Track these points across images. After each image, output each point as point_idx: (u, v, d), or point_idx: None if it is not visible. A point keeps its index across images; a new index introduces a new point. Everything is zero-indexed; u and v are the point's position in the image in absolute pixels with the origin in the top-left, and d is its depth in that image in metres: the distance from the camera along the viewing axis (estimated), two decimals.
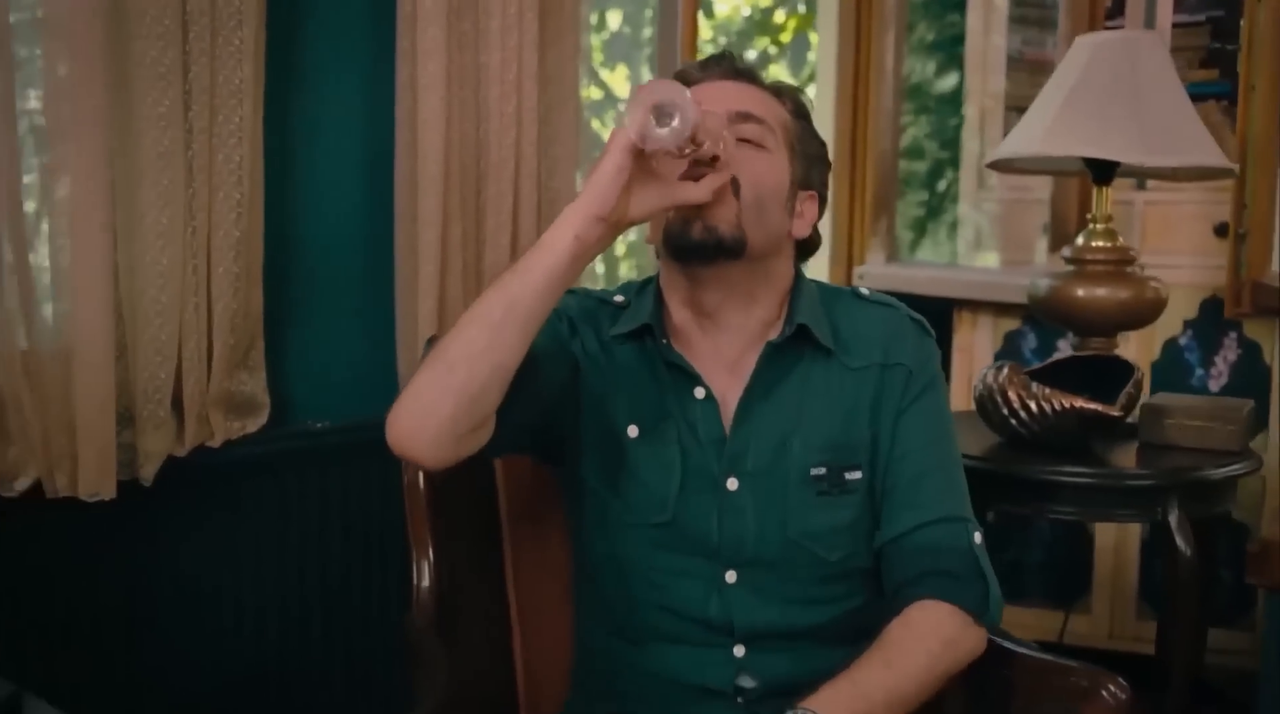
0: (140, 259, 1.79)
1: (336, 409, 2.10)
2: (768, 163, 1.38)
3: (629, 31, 6.21)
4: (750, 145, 1.37)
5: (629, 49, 6.05)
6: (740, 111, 1.37)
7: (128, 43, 1.75)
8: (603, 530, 1.42)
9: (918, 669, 1.30)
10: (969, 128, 3.20)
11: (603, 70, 6.63)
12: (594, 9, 5.79)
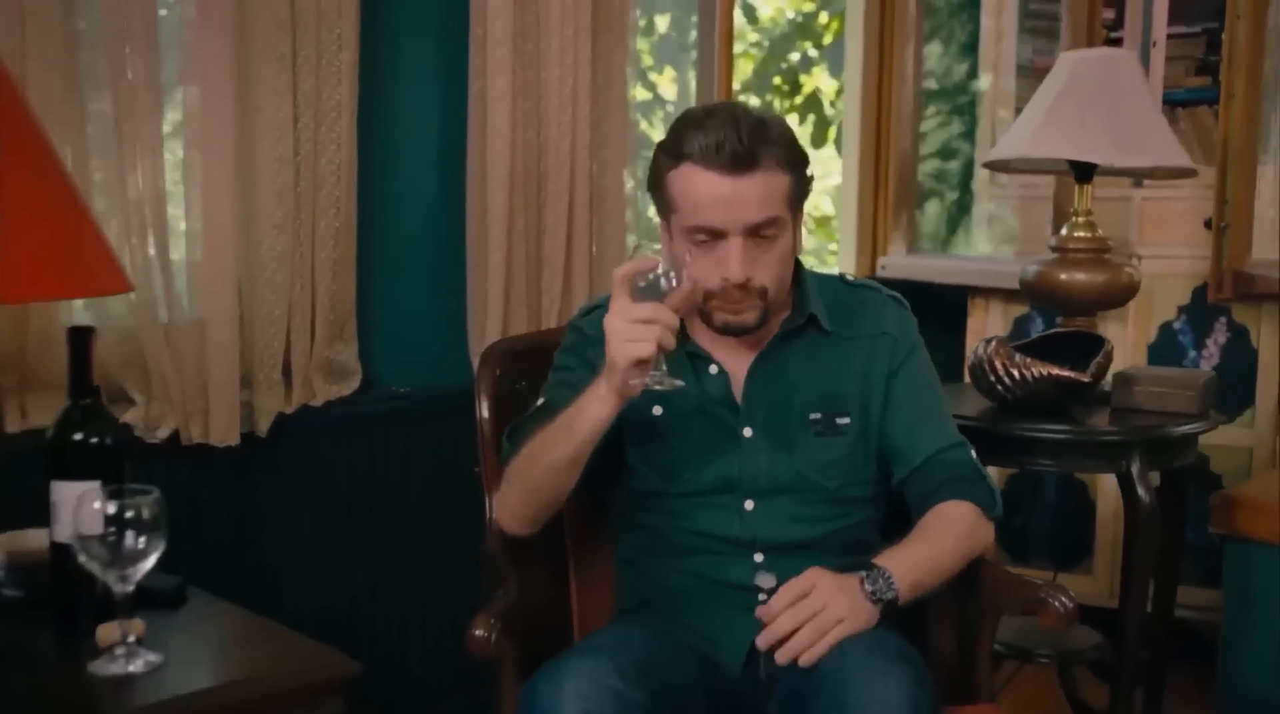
0: (257, 248, 2.13)
1: (416, 377, 2.44)
2: (781, 252, 1.66)
3: (676, 35, 6.50)
4: (768, 242, 1.63)
5: (676, 52, 6.34)
6: (752, 225, 1.61)
7: (250, 66, 2.09)
8: (640, 488, 1.75)
9: (950, 546, 1.68)
10: (983, 130, 3.48)
11: (651, 73, 6.93)
12: (643, 14, 6.09)
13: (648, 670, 1.53)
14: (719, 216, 1.61)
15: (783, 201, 1.65)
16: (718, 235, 1.62)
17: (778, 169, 1.63)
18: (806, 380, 1.74)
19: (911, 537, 1.68)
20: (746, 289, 1.63)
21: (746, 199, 1.60)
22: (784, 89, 7.15)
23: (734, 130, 1.60)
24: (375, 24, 2.28)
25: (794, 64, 7.04)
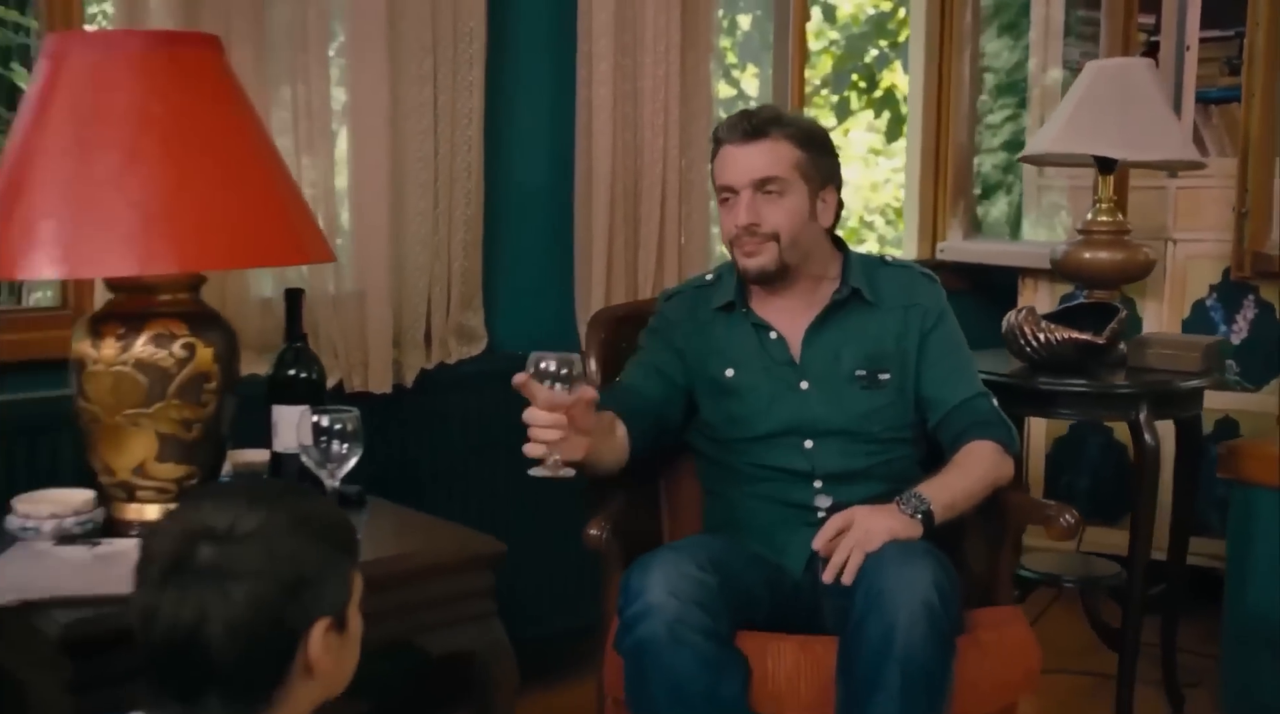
0: (405, 231, 2.58)
1: (530, 340, 2.84)
2: (788, 205, 2.06)
3: (758, 35, 6.87)
4: (774, 196, 2.05)
5: (758, 51, 6.71)
6: (757, 179, 2.05)
7: (399, 84, 2.54)
8: (717, 436, 2.17)
9: (979, 476, 2.07)
10: (1031, 126, 3.82)
11: (735, 70, 7.32)
12: (726, 13, 6.46)
13: (721, 565, 1.94)
14: (730, 175, 2.07)
15: (789, 166, 2.07)
16: (733, 192, 2.06)
17: (785, 141, 2.07)
18: (852, 343, 2.16)
19: (945, 469, 2.07)
20: (754, 233, 2.05)
21: (751, 159, 2.06)
22: (861, 85, 7.49)
23: (750, 117, 2.09)
24: (499, 45, 2.72)
25: (870, 61, 7.38)
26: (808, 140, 2.09)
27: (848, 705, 1.87)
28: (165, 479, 1.80)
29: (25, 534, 1.75)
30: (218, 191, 1.71)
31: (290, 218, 1.81)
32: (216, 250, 1.71)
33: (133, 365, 1.74)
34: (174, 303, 1.79)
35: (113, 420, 1.76)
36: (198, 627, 1.16)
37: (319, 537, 1.24)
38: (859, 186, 7.85)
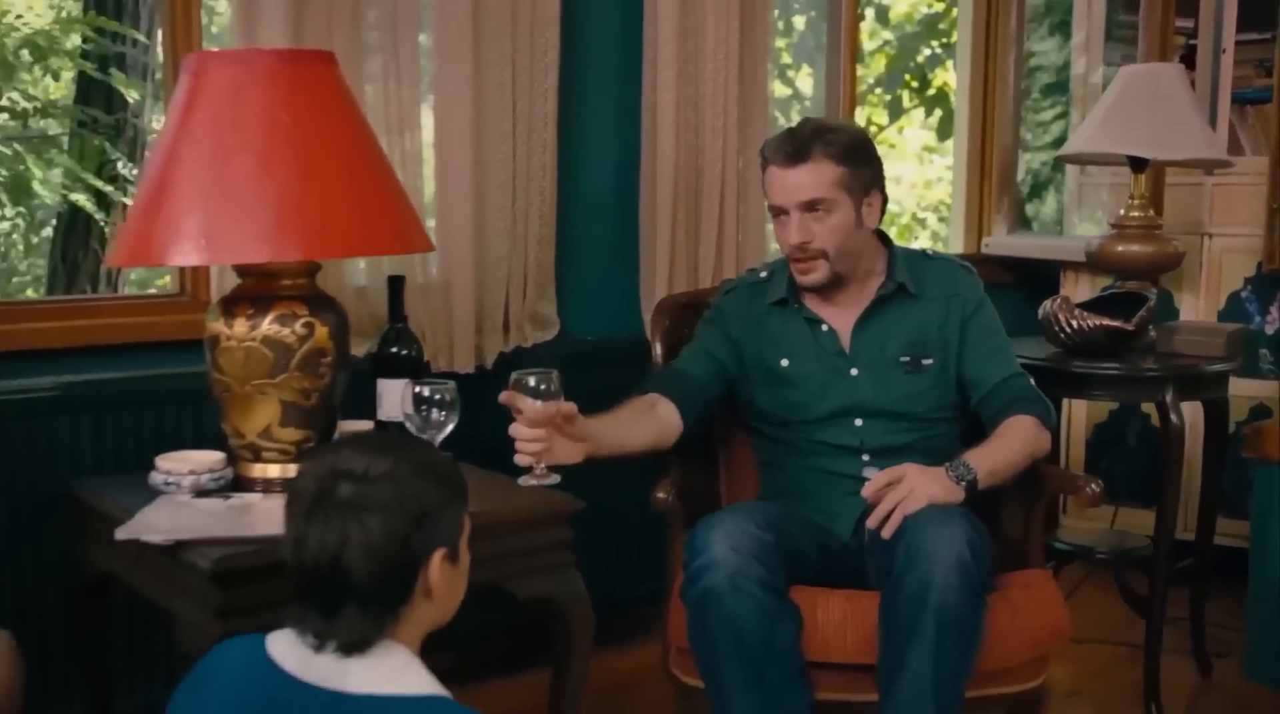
0: (487, 226, 2.82)
1: (598, 327, 3.12)
2: (835, 222, 2.26)
3: (812, 36, 7.06)
4: (821, 214, 2.25)
5: (812, 52, 6.90)
6: (804, 202, 2.24)
7: (482, 93, 2.78)
8: (773, 419, 2.39)
9: (1020, 447, 2.26)
10: (1075, 125, 3.99)
11: (789, 70, 7.51)
12: (781, 14, 6.65)
13: (776, 526, 2.17)
14: (779, 197, 2.27)
15: (831, 186, 2.25)
16: (784, 212, 2.26)
17: (826, 161, 2.25)
18: (897, 332, 2.37)
19: (990, 440, 2.27)
20: (805, 251, 2.26)
21: (796, 181, 2.25)
22: (913, 84, 7.66)
23: (793, 138, 2.26)
24: (571, 55, 2.96)
25: (923, 61, 7.55)
26: (848, 155, 2.27)
27: (888, 651, 2.09)
28: (286, 442, 2.05)
29: (167, 488, 2.01)
30: (336, 190, 1.96)
31: (396, 212, 2.06)
32: (336, 240, 1.96)
33: (260, 341, 2.00)
34: (294, 287, 2.05)
35: (242, 390, 2.02)
36: (340, 551, 1.40)
37: (437, 479, 1.48)
38: (913, 184, 8.01)
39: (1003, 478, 2.24)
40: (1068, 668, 3.11)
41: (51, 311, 2.55)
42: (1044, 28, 4.60)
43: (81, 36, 4.99)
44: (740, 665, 2.06)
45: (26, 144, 4.79)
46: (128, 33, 4.87)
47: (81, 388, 2.41)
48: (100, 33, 4.89)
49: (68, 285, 4.77)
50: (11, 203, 4.97)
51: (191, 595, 1.81)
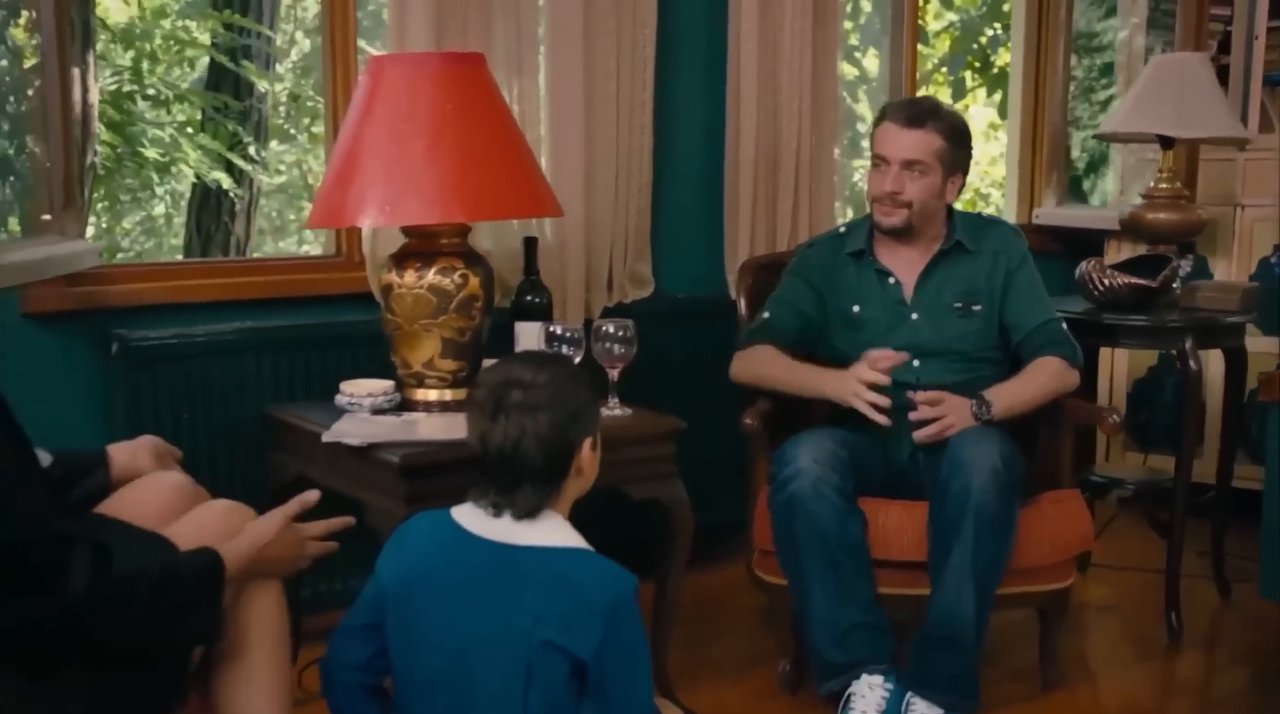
0: (594, 198, 3.27)
1: (688, 286, 3.56)
2: (926, 184, 2.71)
3: (879, 19, 7.42)
4: (916, 174, 2.69)
5: (878, 34, 7.26)
6: (906, 159, 2.70)
7: (590, 83, 3.22)
8: (845, 357, 2.82)
9: (1041, 384, 2.72)
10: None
11: (856, 52, 7.87)
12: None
13: (847, 445, 2.62)
14: (886, 148, 2.71)
15: (932, 154, 2.71)
16: (886, 163, 2.69)
17: (934, 134, 2.71)
18: (952, 282, 2.80)
19: (1014, 378, 2.72)
20: (895, 199, 2.69)
21: (906, 141, 2.70)
22: (975, 65, 7.99)
23: (915, 105, 2.77)
24: (665, 49, 3.40)
25: (985, 43, 7.88)
26: (953, 135, 2.73)
27: (936, 548, 2.53)
28: (445, 371, 2.53)
29: (351, 407, 2.50)
30: (487, 165, 2.43)
31: (533, 183, 2.53)
32: (488, 206, 2.44)
33: (426, 289, 2.47)
34: (451, 245, 2.52)
35: (411, 328, 2.50)
36: (519, 441, 1.86)
37: (583, 385, 1.94)
38: (976, 160, 8.35)
39: (1019, 412, 2.68)
40: (1101, 590, 3.53)
41: (238, 269, 3.05)
42: (1103, 9, 4.95)
43: (212, 31, 5.52)
44: (819, 558, 2.52)
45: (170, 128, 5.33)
46: (254, 27, 5.39)
47: (262, 332, 2.90)
48: (228, 27, 5.42)
49: (201, 255, 5.32)
50: (160, 182, 5.51)
51: (381, 487, 2.30)
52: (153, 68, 5.31)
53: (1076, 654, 3.07)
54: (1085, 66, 5.40)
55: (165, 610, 1.53)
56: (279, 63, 5.78)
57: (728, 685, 2.82)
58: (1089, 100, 5.47)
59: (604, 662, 1.88)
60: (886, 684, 2.48)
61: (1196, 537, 3.43)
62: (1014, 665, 2.93)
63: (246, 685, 1.74)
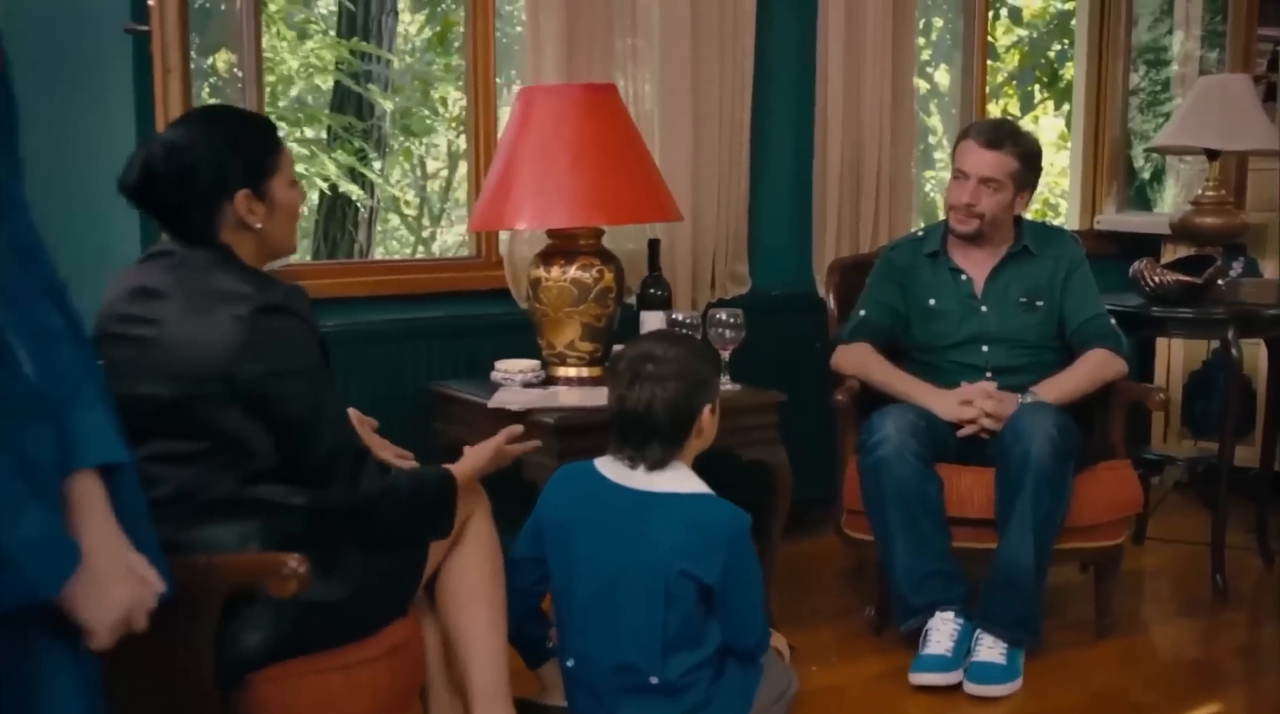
0: (699, 205, 3.71)
1: (780, 283, 4.00)
2: (999, 199, 3.12)
3: (949, 35, 7.78)
4: (990, 189, 3.10)
5: (949, 50, 7.63)
6: (984, 176, 3.11)
7: (698, 104, 3.67)
8: (921, 345, 3.24)
9: (1086, 374, 3.13)
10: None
11: (928, 67, 8.24)
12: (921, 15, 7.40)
13: (926, 417, 3.04)
14: (967, 164, 3.13)
15: (1007, 174, 3.13)
16: (965, 177, 3.11)
17: (1010, 156, 3.13)
18: (1019, 280, 3.22)
19: (1063, 372, 3.14)
20: (970, 210, 3.11)
21: (985, 160, 3.12)
22: (1043, 80, 8.33)
23: (997, 128, 3.19)
24: (761, 73, 3.84)
25: (1052, 57, 8.22)
26: (1026, 158, 3.15)
27: (1002, 504, 2.95)
28: (583, 352, 3.00)
29: (505, 382, 2.97)
30: (621, 178, 2.89)
31: (658, 194, 2.99)
32: (623, 211, 2.91)
33: (569, 282, 2.94)
34: (588, 245, 2.99)
35: (556, 315, 2.97)
36: (650, 405, 2.30)
37: (706, 359, 2.39)
38: (1045, 171, 8.67)
39: (1066, 401, 3.06)
40: (1154, 559, 3.90)
41: (398, 268, 3.54)
42: (1168, 23, 5.31)
43: (336, 57, 6.06)
44: (901, 513, 2.94)
45: (304, 144, 5.88)
46: (377, 52, 5.92)
47: (414, 322, 3.38)
48: (351, 52, 5.95)
49: (329, 258, 5.85)
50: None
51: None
52: (285, 90, 5.85)
53: (1129, 610, 3.46)
54: (1150, 79, 5.75)
55: (420, 509, 2.01)
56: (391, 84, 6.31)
57: (821, 629, 3.24)
58: (1153, 112, 5.82)
59: (726, 584, 2.32)
60: (958, 620, 2.90)
61: (1244, 516, 3.80)
62: (1072, 616, 3.32)
63: (470, 599, 2.20)
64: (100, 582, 1.35)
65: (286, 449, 1.89)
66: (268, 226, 1.99)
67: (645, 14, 3.55)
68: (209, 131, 1.97)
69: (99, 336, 1.91)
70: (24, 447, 1.28)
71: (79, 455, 1.38)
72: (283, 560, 1.73)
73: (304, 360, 1.91)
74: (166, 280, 1.91)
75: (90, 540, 1.35)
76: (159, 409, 1.85)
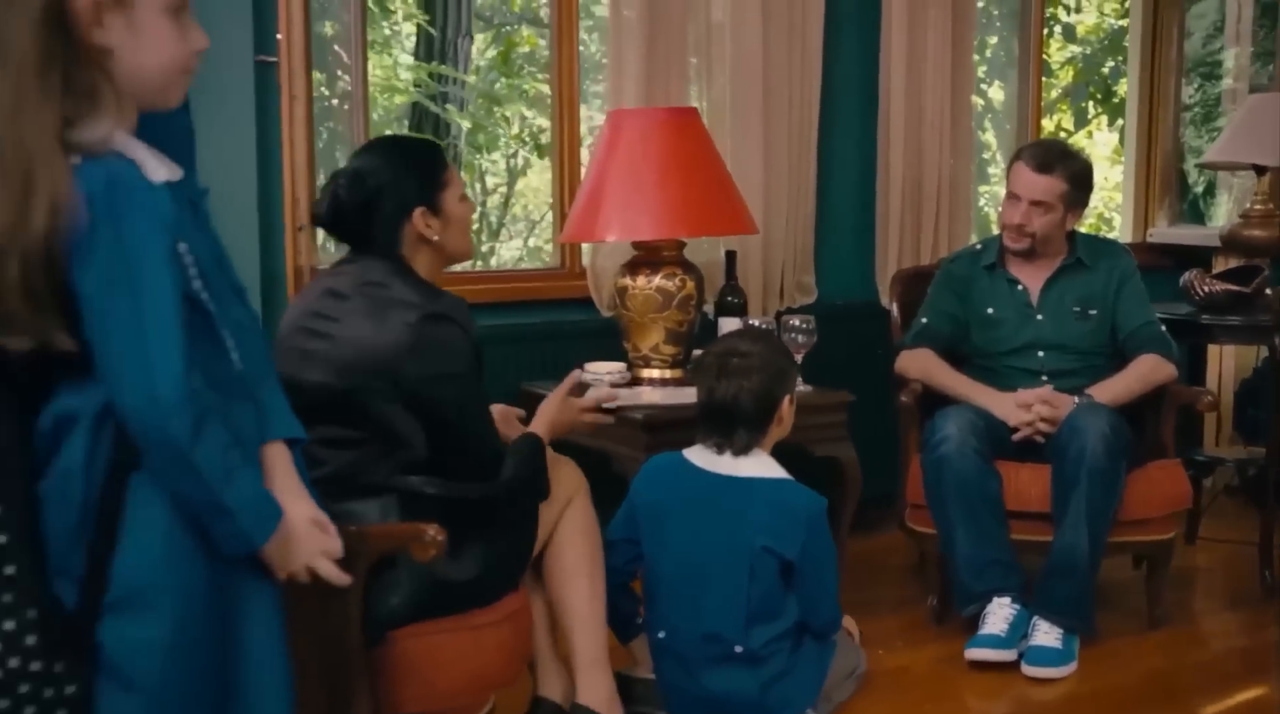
0: (770, 219, 3.94)
1: (844, 293, 4.21)
2: (1050, 218, 3.32)
3: (1004, 52, 7.96)
4: (1042, 210, 3.29)
5: (1004, 67, 7.81)
6: (1035, 199, 3.31)
7: (768, 125, 3.90)
8: (980, 350, 3.45)
9: (1136, 378, 3.32)
10: None
11: (983, 84, 8.42)
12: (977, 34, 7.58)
13: (986, 417, 3.24)
14: (1019, 188, 3.34)
15: (1057, 196, 3.33)
16: (1018, 198, 3.32)
17: (1060, 179, 3.33)
18: (1072, 290, 3.42)
19: (1116, 376, 3.33)
20: (1022, 230, 3.32)
21: (1036, 184, 3.32)
22: (1097, 96, 8.49)
23: (1047, 152, 3.36)
24: (828, 93, 4.07)
25: (1105, 74, 8.37)
26: (1076, 180, 3.34)
27: (1057, 497, 3.15)
28: (666, 355, 3.25)
29: (595, 382, 3.21)
30: (701, 194, 3.13)
31: (735, 208, 3.23)
32: (704, 225, 3.15)
33: (654, 290, 3.19)
34: (671, 256, 3.23)
35: (642, 320, 3.21)
36: (736, 395, 2.54)
37: (784, 355, 2.63)
38: (1100, 187, 8.82)
39: (1120, 402, 3.26)
40: (1205, 557, 4.07)
41: (490, 278, 3.81)
42: (1222, 39, 5.48)
43: (414, 79, 6.35)
44: (963, 507, 3.15)
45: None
46: (454, 74, 6.20)
47: (505, 327, 3.64)
48: (432, 75, 6.24)
49: None
50: None
51: (627, 439, 3.01)
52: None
53: (1180, 603, 3.63)
54: (1204, 94, 5.91)
55: (526, 483, 2.26)
56: (469, 103, 6.58)
57: (886, 618, 3.45)
58: (1207, 127, 5.99)
59: (804, 561, 2.55)
60: (1014, 605, 3.10)
61: None
62: (1125, 608, 3.50)
63: (573, 575, 2.44)
64: (292, 533, 1.60)
65: (436, 444, 2.16)
66: (444, 238, 2.28)
67: (719, 40, 3.80)
68: (384, 159, 2.25)
69: (293, 328, 2.19)
70: (235, 421, 1.54)
71: (271, 429, 1.64)
72: (423, 529, 1.97)
73: (460, 366, 2.18)
74: (350, 286, 2.18)
75: (284, 499, 1.60)
76: (330, 397, 2.11)
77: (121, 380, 1.43)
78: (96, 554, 1.44)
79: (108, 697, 1.46)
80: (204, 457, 1.45)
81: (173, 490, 1.47)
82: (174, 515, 1.48)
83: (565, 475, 2.47)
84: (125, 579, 1.46)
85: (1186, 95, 5.12)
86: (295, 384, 1.90)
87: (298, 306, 2.27)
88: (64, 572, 1.46)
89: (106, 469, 1.46)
